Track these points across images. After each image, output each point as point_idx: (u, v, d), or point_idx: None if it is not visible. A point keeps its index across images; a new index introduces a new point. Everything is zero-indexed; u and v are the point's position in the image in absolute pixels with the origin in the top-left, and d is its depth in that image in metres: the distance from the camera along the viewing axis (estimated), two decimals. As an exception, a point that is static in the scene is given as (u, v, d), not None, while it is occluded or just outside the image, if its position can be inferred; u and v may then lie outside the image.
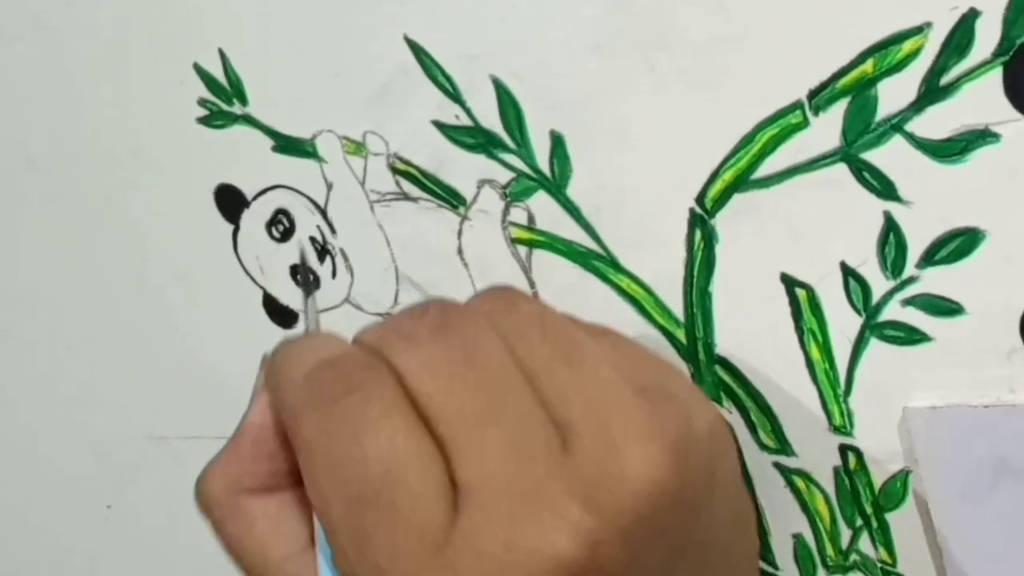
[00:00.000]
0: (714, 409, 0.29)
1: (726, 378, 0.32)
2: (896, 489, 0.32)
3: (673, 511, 0.26)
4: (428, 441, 0.26)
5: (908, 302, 0.29)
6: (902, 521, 0.32)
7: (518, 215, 0.33)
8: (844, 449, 0.32)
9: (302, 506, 0.29)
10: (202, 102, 0.35)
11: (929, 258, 0.28)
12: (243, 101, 0.35)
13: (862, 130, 0.28)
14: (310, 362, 0.27)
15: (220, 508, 0.29)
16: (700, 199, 0.30)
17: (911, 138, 0.27)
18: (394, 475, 0.25)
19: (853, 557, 0.33)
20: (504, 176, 0.32)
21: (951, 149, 0.27)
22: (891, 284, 0.29)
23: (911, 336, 0.29)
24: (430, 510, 0.25)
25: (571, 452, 0.26)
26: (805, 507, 0.33)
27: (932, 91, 0.27)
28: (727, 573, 0.30)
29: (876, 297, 0.29)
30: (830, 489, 0.33)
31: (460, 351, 0.26)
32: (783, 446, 0.33)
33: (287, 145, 0.35)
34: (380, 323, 0.28)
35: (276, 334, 0.38)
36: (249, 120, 0.35)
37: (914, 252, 0.29)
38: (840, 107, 0.28)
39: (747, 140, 0.29)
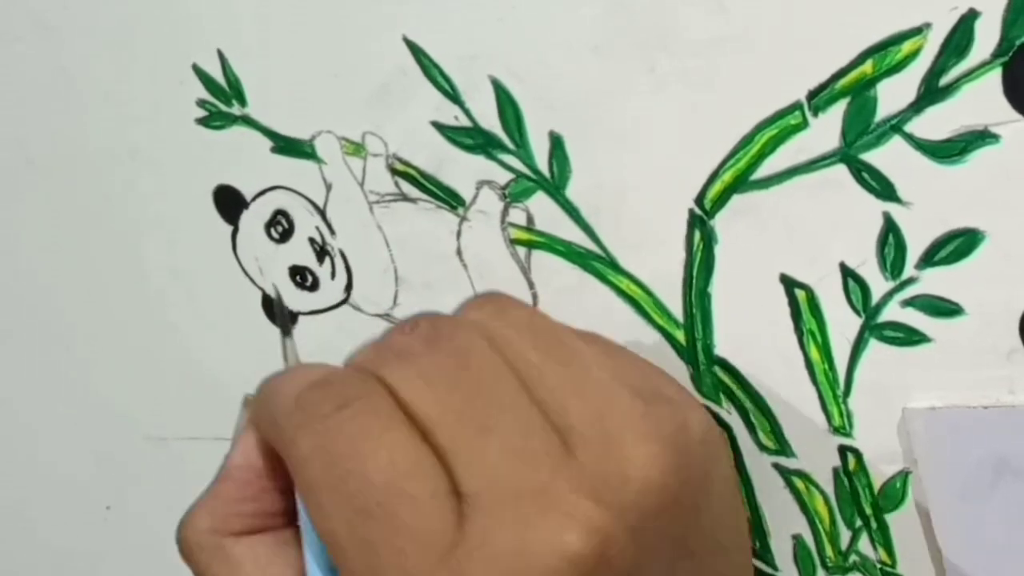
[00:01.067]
0: (706, 412, 0.29)
1: (725, 379, 0.32)
2: (895, 490, 0.32)
3: (675, 511, 0.26)
4: (427, 451, 0.26)
5: (907, 303, 0.29)
6: (902, 522, 0.32)
7: (517, 216, 0.33)
8: (843, 450, 0.32)
9: (289, 547, 0.29)
10: (201, 103, 0.35)
11: (928, 259, 0.28)
12: (242, 102, 0.35)
13: (862, 131, 0.28)
14: (299, 386, 0.27)
15: (205, 552, 0.28)
16: (699, 200, 0.30)
17: (911, 139, 0.27)
18: (396, 486, 0.25)
19: (852, 558, 0.33)
20: (503, 177, 0.32)
21: (951, 150, 0.27)
22: (890, 285, 0.29)
23: (910, 337, 0.29)
24: (434, 518, 0.25)
25: (573, 453, 0.26)
26: (804, 508, 0.33)
27: (932, 92, 0.27)
28: (727, 573, 0.30)
29: (876, 298, 0.29)
30: (829, 490, 0.33)
31: (454, 361, 0.27)
32: (782, 447, 0.33)
33: (286, 146, 0.35)
34: (369, 345, 0.28)
35: (275, 334, 0.38)
36: (248, 121, 0.35)
37: (913, 253, 0.29)
38: (839, 108, 0.28)
39: (746, 141, 0.29)
